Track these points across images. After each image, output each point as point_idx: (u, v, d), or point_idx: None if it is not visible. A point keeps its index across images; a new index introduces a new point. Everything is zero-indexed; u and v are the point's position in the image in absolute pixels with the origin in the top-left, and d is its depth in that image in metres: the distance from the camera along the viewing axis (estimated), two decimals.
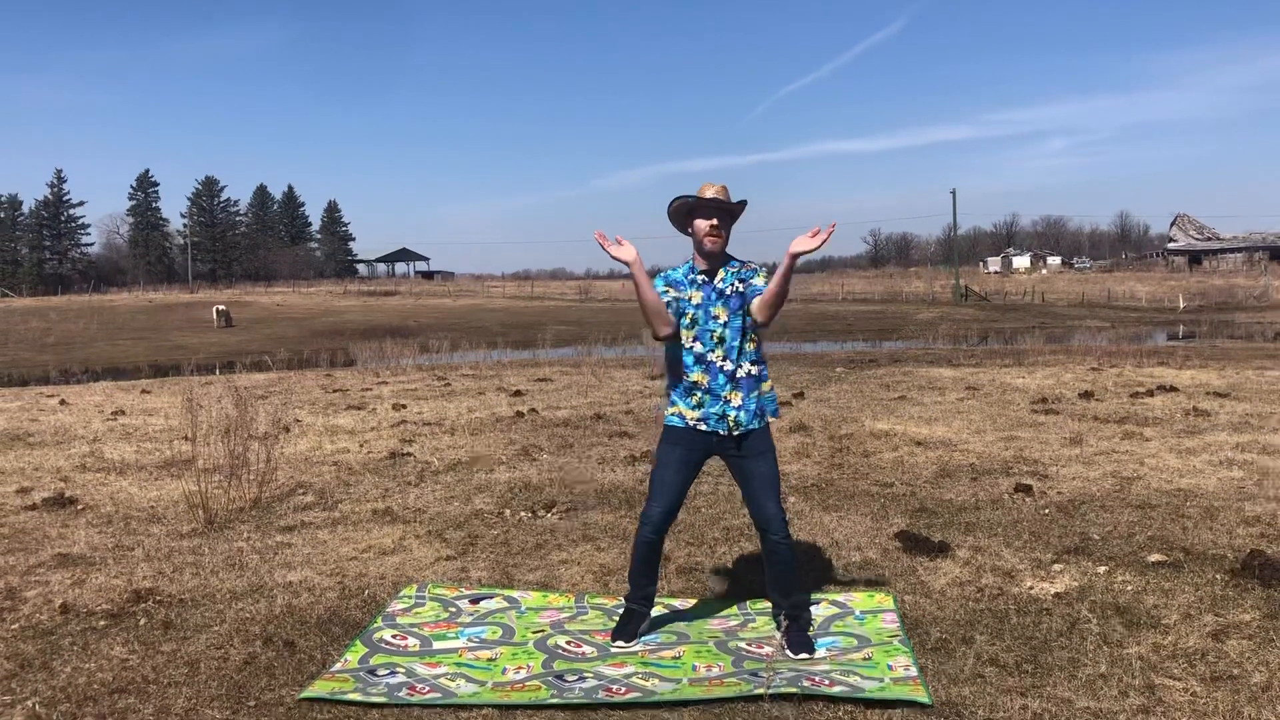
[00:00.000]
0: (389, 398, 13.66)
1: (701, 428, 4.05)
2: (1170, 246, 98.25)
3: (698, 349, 4.04)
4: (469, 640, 4.22)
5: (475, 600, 4.72)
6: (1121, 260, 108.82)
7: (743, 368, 4.05)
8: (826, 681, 3.62)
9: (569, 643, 4.17)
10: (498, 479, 7.49)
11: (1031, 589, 4.63)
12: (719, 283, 4.05)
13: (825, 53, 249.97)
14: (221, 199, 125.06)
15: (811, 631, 4.16)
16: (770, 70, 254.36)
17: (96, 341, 42.12)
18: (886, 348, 27.01)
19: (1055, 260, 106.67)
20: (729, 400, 4.03)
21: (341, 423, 10.93)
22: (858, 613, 4.43)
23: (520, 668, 3.90)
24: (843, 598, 4.63)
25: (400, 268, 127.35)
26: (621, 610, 4.33)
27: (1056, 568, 4.93)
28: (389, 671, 3.85)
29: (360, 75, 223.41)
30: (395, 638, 4.23)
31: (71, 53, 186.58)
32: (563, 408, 11.88)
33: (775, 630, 4.18)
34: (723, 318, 4.02)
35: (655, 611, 4.34)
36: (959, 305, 56.99)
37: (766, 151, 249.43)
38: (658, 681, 3.71)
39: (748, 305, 4.01)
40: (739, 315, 4.03)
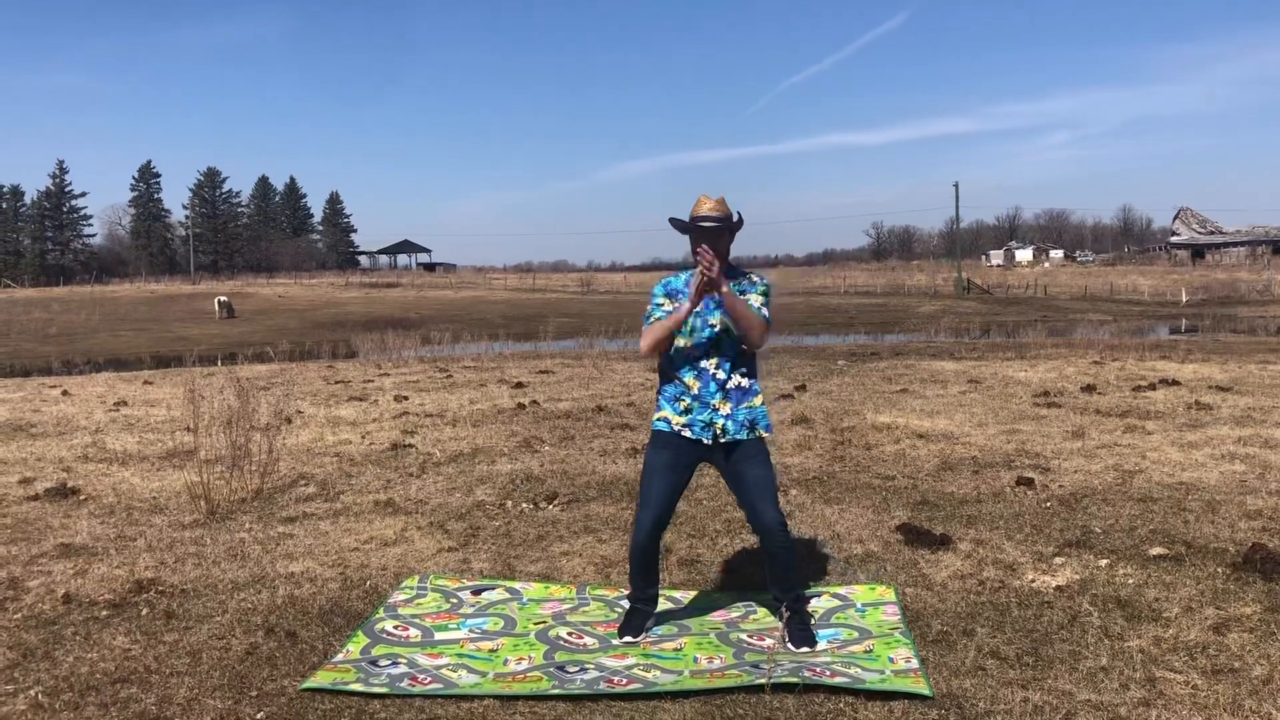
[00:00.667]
0: (391, 389, 13.67)
1: (687, 434, 4.01)
2: (1173, 240, 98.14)
3: (693, 355, 4.01)
4: (471, 631, 4.23)
5: (477, 591, 4.72)
6: (1124, 254, 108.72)
7: (734, 379, 4.02)
8: (828, 673, 3.62)
9: (570, 634, 4.17)
10: (499, 470, 7.49)
11: (1033, 582, 4.63)
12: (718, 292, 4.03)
13: (828, 45, 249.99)
14: (223, 190, 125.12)
15: (812, 624, 4.16)
16: (773, 63, 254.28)
17: (98, 332, 42.13)
18: (888, 341, 26.98)
19: (1058, 253, 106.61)
20: (717, 409, 3.99)
21: (343, 414, 10.94)
22: (859, 605, 4.43)
23: (522, 659, 3.91)
24: (844, 590, 4.63)
25: (402, 259, 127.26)
26: (623, 602, 4.34)
27: (1058, 561, 4.93)
28: (391, 662, 3.86)
29: (363, 66, 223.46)
30: (397, 628, 4.23)
31: (74, 43, 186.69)
32: (564, 400, 11.88)
33: (776, 622, 4.19)
34: (719, 326, 3.99)
35: (658, 606, 4.34)
36: (961, 298, 56.93)
37: (769, 144, 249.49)
38: (659, 673, 3.71)
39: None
40: (737, 325, 3.99)
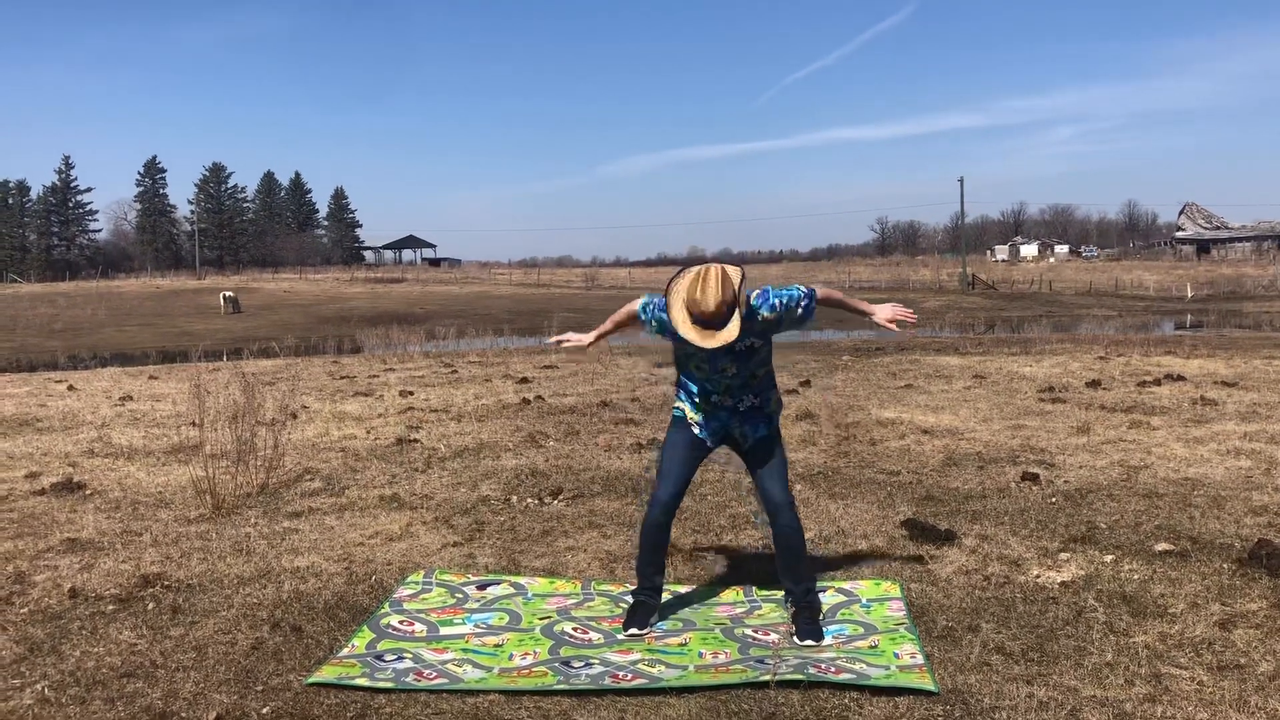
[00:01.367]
0: (396, 384, 13.68)
1: (699, 433, 4.13)
2: (1178, 235, 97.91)
3: (707, 387, 4.09)
4: (476, 626, 4.23)
5: (482, 586, 4.72)
6: (1129, 249, 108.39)
7: (746, 400, 4.10)
8: (833, 669, 3.62)
9: (575, 629, 4.17)
10: (504, 466, 7.50)
11: (1038, 577, 4.62)
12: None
13: (832, 40, 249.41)
14: (229, 185, 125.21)
15: (820, 619, 4.16)
16: (777, 57, 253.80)
17: (104, 327, 42.23)
18: (893, 336, 26.95)
19: (1063, 249, 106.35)
20: (730, 425, 4.13)
21: (349, 409, 10.96)
22: (864, 601, 4.43)
23: (527, 654, 3.91)
24: (849, 586, 4.63)
25: (407, 255, 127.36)
26: (628, 598, 4.34)
27: (1063, 556, 4.92)
28: (396, 657, 3.86)
29: (368, 62, 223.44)
30: (402, 623, 4.24)
31: (79, 39, 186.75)
32: (569, 395, 11.89)
33: (782, 617, 4.19)
34: (732, 370, 4.03)
35: (662, 599, 4.34)
36: (966, 294, 56.84)
37: (773, 139, 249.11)
38: (664, 668, 3.71)
39: (755, 343, 3.98)
40: (748, 361, 4.02)
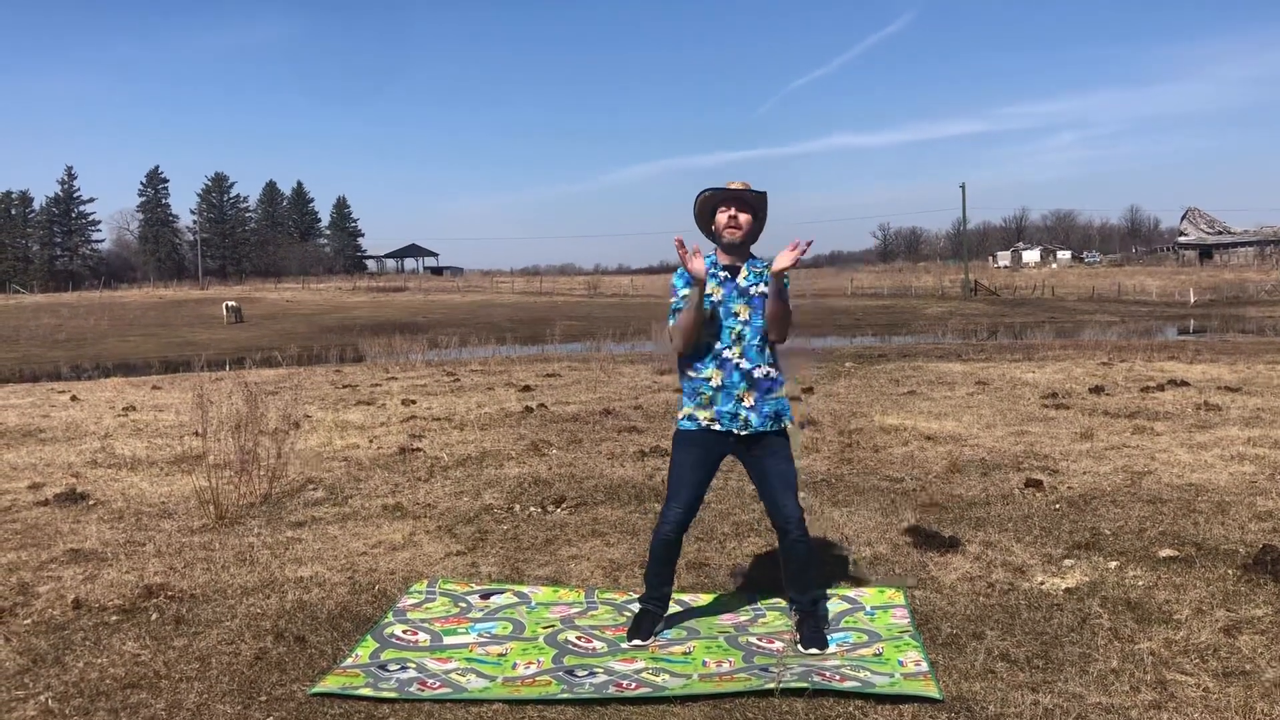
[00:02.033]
0: (398, 393, 13.69)
1: (715, 427, 4.00)
2: (1181, 240, 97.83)
3: (716, 345, 3.99)
4: (479, 635, 4.23)
5: (485, 595, 4.72)
6: (1132, 254, 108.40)
7: (760, 368, 3.99)
8: (837, 677, 3.61)
9: (579, 638, 4.17)
10: (507, 474, 7.49)
11: (1042, 584, 4.61)
12: (742, 280, 4.00)
13: (834, 47, 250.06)
14: (231, 195, 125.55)
15: (824, 628, 4.15)
16: (779, 64, 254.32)
17: (107, 338, 42.28)
18: (896, 342, 26.96)
19: (1065, 254, 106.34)
20: (742, 399, 3.98)
21: (351, 418, 10.96)
22: (868, 608, 4.42)
23: (530, 663, 3.91)
24: (853, 593, 4.62)
25: (409, 263, 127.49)
26: (632, 605, 4.33)
27: (1067, 563, 4.91)
28: (400, 666, 3.86)
29: (370, 70, 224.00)
30: (406, 633, 4.24)
31: (82, 50, 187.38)
32: (572, 403, 11.89)
33: (786, 625, 4.18)
34: (743, 315, 3.97)
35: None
36: (968, 300, 56.83)
37: (775, 146, 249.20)
38: (668, 677, 3.71)
39: (765, 292, 3.97)
40: (760, 314, 3.98)
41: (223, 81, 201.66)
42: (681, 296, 3.98)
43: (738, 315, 3.97)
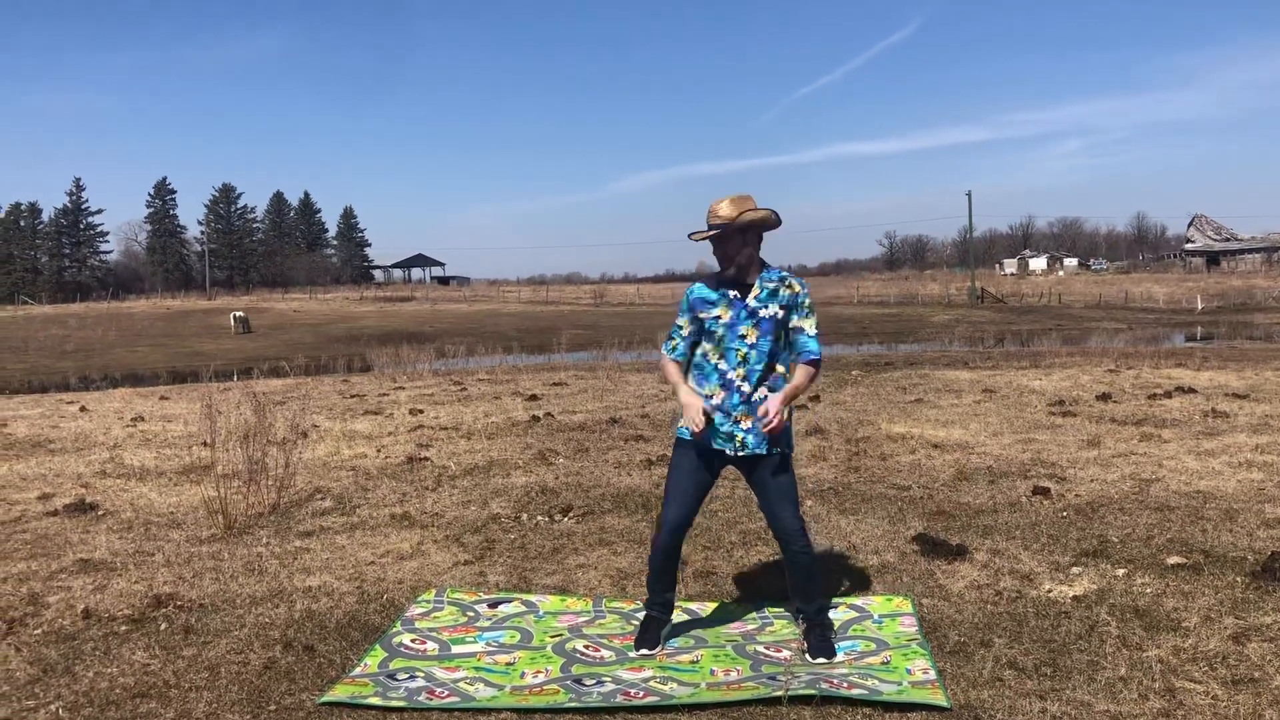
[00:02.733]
0: (406, 403, 13.71)
1: (711, 446, 4.00)
2: (1188, 247, 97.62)
3: (721, 366, 3.97)
4: (487, 644, 4.24)
5: (493, 604, 4.73)
6: (1138, 261, 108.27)
7: (759, 392, 3.95)
8: (845, 685, 3.61)
9: (587, 647, 4.18)
10: (514, 483, 7.51)
11: (1050, 592, 4.61)
12: (752, 300, 3.96)
13: (839, 55, 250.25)
14: (238, 206, 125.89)
15: (832, 636, 4.16)
16: (784, 73, 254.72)
17: (115, 348, 42.42)
18: (902, 350, 26.94)
19: (1072, 262, 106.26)
20: (739, 421, 3.96)
21: (359, 428, 10.98)
22: (876, 616, 4.42)
23: (539, 672, 3.91)
24: (861, 601, 4.62)
25: (416, 273, 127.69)
26: (639, 615, 4.34)
27: (1075, 570, 4.91)
28: (408, 676, 3.87)
29: (374, 81, 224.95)
30: (414, 642, 4.25)
31: (90, 62, 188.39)
32: (578, 412, 11.90)
33: (794, 633, 4.18)
34: (750, 338, 3.93)
35: (673, 616, 4.34)
36: (975, 307, 56.77)
37: (781, 154, 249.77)
38: (676, 685, 3.71)
39: (780, 332, 3.97)
40: (769, 339, 3.94)
41: (230, 93, 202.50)
42: (678, 328, 4.08)
43: (745, 338, 3.95)
